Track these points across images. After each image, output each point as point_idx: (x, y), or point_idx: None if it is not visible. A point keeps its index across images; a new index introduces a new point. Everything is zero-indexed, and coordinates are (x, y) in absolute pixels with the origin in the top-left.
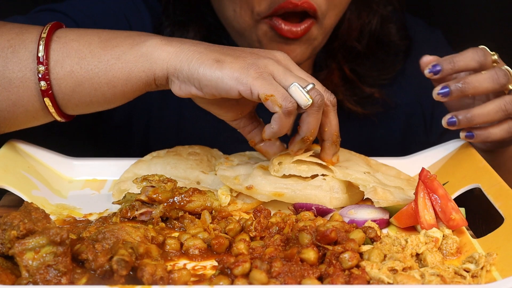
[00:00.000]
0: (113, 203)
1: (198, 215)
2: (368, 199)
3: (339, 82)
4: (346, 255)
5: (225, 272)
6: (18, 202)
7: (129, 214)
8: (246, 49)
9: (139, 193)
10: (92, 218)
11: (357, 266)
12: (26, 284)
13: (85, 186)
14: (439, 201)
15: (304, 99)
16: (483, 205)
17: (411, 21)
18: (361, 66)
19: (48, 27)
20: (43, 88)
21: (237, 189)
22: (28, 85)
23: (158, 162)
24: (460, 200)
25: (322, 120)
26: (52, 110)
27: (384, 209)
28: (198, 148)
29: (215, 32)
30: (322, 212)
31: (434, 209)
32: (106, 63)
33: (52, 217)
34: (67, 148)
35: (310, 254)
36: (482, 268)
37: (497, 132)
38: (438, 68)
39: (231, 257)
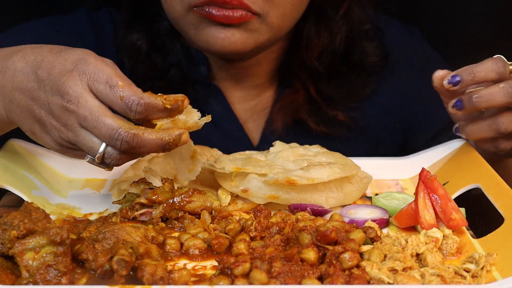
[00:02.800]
0: (113, 203)
1: (198, 215)
2: (366, 198)
3: (303, 101)
4: (346, 255)
5: (225, 272)
6: (18, 202)
7: (129, 214)
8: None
9: (139, 193)
10: (92, 218)
11: (357, 266)
12: (26, 284)
13: (85, 186)
14: (439, 201)
15: (103, 168)
16: (483, 205)
17: (386, 24)
18: (328, 86)
19: None
20: None
21: (233, 191)
22: None
23: (158, 162)
24: (460, 200)
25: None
26: None
27: (384, 209)
28: (198, 147)
29: (166, 34)
30: (317, 212)
31: (434, 209)
32: None
33: (52, 217)
34: None
35: (310, 254)
36: (482, 268)
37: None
38: (457, 79)
39: (231, 257)
